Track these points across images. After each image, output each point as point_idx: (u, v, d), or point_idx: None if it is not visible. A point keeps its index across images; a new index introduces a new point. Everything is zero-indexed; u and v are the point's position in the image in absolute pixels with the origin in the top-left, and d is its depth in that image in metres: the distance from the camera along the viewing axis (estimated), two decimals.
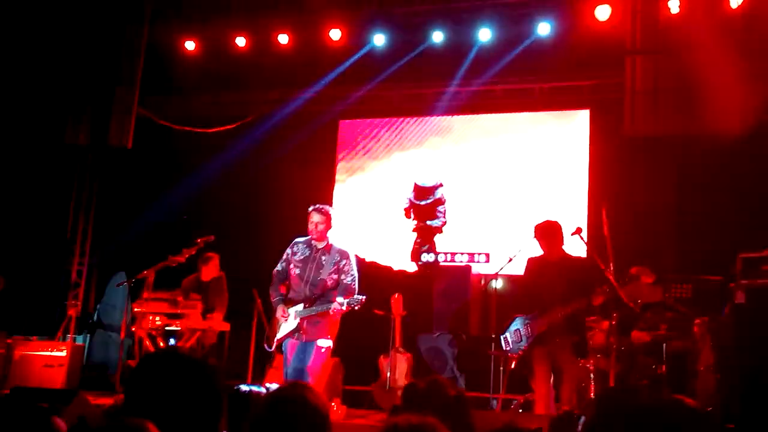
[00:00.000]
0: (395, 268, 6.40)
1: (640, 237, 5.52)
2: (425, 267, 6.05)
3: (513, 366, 3.96)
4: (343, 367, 5.31)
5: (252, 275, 5.17)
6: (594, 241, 5.05)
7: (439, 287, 5.71)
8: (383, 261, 6.46)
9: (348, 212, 6.69)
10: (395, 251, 6.48)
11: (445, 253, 6.27)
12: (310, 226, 4.00)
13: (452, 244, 6.30)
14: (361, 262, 6.32)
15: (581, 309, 3.88)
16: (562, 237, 4.05)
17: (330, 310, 3.81)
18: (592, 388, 4.28)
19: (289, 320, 3.94)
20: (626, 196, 5.74)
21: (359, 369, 5.40)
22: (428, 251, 6.10)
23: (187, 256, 4.78)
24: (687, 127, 5.34)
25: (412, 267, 6.31)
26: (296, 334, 3.93)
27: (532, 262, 4.11)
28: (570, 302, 3.84)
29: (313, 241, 4.02)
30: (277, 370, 4.76)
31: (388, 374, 5.16)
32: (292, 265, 4.03)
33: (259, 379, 4.76)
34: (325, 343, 3.91)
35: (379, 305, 5.35)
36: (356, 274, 4.00)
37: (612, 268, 4.07)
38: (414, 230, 6.25)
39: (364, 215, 6.70)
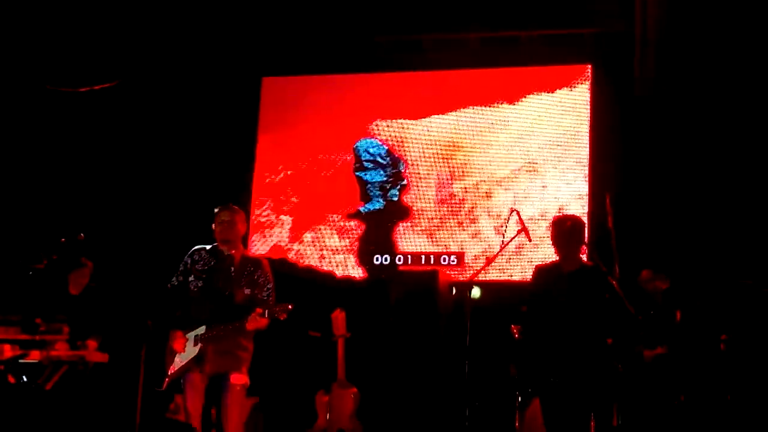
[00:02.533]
0: (339, 273, 6.35)
1: (653, 230, 5.60)
2: (377, 272, 6.00)
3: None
4: (265, 409, 5.24)
5: (139, 288, 5.03)
6: (595, 236, 5.10)
7: (395, 299, 5.68)
8: (323, 265, 6.39)
9: (273, 204, 6.60)
10: (339, 252, 6.42)
11: (405, 254, 6.23)
12: (218, 228, 3.97)
13: (414, 241, 6.27)
14: (292, 267, 6.34)
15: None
16: (583, 240, 3.95)
17: (245, 323, 3.76)
18: (593, 427, 4.30)
19: (187, 348, 3.86)
20: (637, 177, 5.81)
21: (288, 411, 5.35)
22: (380, 251, 6.07)
23: (47, 262, 4.57)
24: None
25: (360, 272, 6.26)
26: (198, 366, 3.83)
27: (540, 271, 4.00)
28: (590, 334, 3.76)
29: (219, 248, 3.98)
30: (175, 416, 4.64)
31: (328, 416, 5.11)
32: (192, 277, 3.97)
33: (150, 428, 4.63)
34: (241, 379, 3.86)
35: (316, 325, 5.28)
36: (273, 286, 3.97)
37: (617, 271, 4.09)
38: (348, 217, 6.22)
39: (295, 207, 6.61)
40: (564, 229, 3.90)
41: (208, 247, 4.04)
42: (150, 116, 6.60)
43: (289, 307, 3.71)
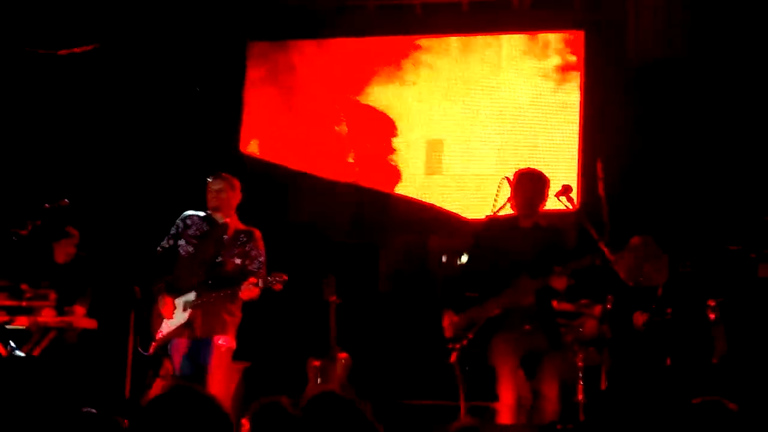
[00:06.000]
0: (329, 241, 6.37)
1: (644, 197, 5.68)
2: (370, 239, 6.05)
3: (453, 360, 3.84)
4: (256, 374, 5.29)
5: (126, 254, 5.04)
6: (586, 203, 5.17)
7: (386, 265, 5.73)
8: (313, 232, 6.42)
9: (264, 168, 6.59)
10: (330, 219, 6.43)
11: (396, 221, 6.28)
12: (208, 197, 3.98)
13: (406, 208, 6.31)
14: (282, 233, 6.35)
15: (548, 287, 3.88)
16: (545, 198, 4.05)
17: (239, 291, 3.78)
18: (581, 389, 4.43)
19: (176, 314, 3.88)
20: (628, 144, 5.87)
21: (280, 377, 5.40)
22: (373, 218, 6.10)
23: (31, 228, 4.56)
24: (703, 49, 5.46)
25: (354, 239, 6.30)
26: (187, 331, 3.86)
27: (493, 222, 4.04)
28: (540, 274, 3.84)
29: (213, 216, 3.97)
30: (166, 381, 4.69)
31: (319, 381, 5.17)
32: (183, 242, 3.99)
33: (141, 395, 4.69)
34: (227, 341, 3.89)
35: (308, 290, 5.31)
36: (264, 260, 3.98)
37: (607, 238, 4.17)
38: (346, 181, 6.24)
39: (287, 172, 6.61)
40: (531, 182, 3.94)
41: (201, 213, 4.04)
42: (132, 80, 6.53)
43: (284, 277, 3.74)
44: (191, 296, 3.87)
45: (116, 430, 1.85)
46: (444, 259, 5.78)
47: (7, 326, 4.76)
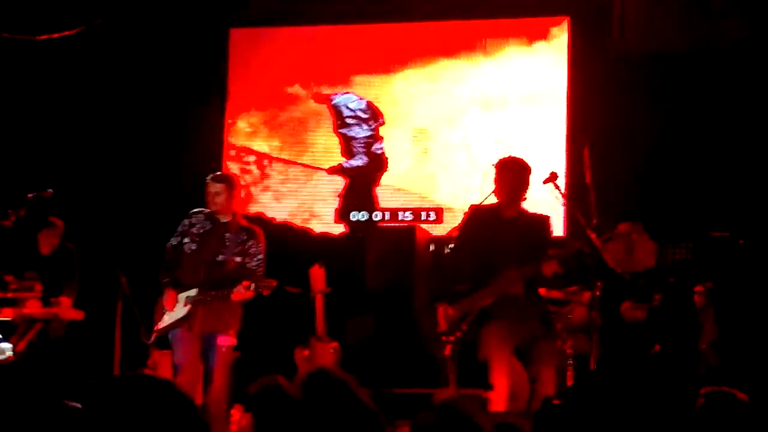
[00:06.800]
0: (316, 230, 6.36)
1: (631, 185, 5.72)
2: (356, 228, 6.03)
3: (447, 352, 3.90)
4: (245, 364, 5.27)
5: (111, 245, 5.00)
6: (573, 190, 5.20)
7: (373, 255, 5.73)
8: (299, 221, 6.40)
9: (250, 159, 6.55)
10: (316, 208, 6.42)
11: (383, 210, 6.27)
12: (208, 199, 4.09)
13: (394, 196, 6.31)
14: (268, 223, 6.33)
15: (534, 275, 3.92)
16: (527, 186, 4.06)
17: (232, 294, 3.92)
18: (570, 375, 4.46)
19: (177, 308, 3.99)
20: (615, 132, 5.90)
21: (268, 365, 5.39)
22: (360, 208, 6.09)
23: (14, 218, 4.51)
24: (693, 42, 5.50)
25: (338, 229, 6.29)
26: (187, 325, 3.96)
27: (477, 213, 4.06)
28: (526, 263, 3.87)
29: (216, 215, 4.07)
30: (154, 372, 4.68)
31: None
32: (187, 240, 4.10)
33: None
34: (228, 341, 4.05)
35: (294, 281, 5.31)
36: (263, 258, 4.09)
37: (595, 225, 4.19)
38: (331, 171, 6.18)
39: (271, 161, 6.57)
40: (513, 171, 3.95)
41: (207, 210, 4.10)
42: (113, 67, 6.45)
43: (273, 283, 3.89)
44: (193, 292, 3.99)
45: (70, 414, 1.81)
46: (431, 248, 5.78)
47: None
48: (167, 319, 4.00)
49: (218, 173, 4.18)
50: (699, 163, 5.65)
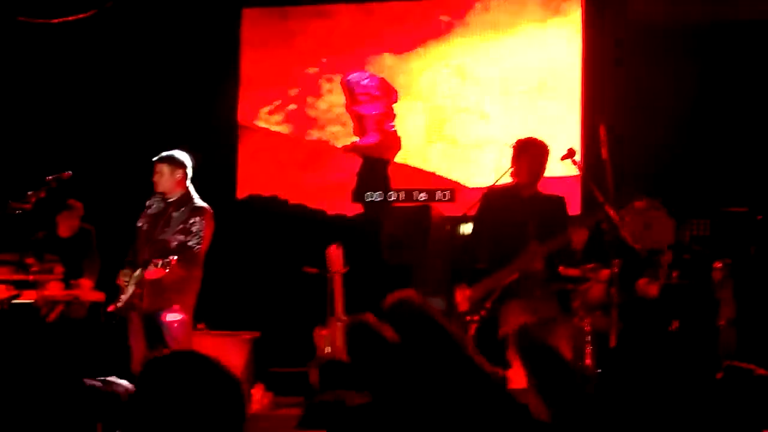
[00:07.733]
0: (330, 212, 6.38)
1: (648, 161, 5.69)
2: (370, 209, 6.04)
3: (473, 332, 3.91)
4: (265, 344, 5.33)
5: (130, 226, 5.04)
6: (590, 166, 5.18)
7: (388, 235, 5.74)
8: (314, 203, 6.42)
9: (263, 139, 6.56)
10: (331, 188, 6.44)
11: (398, 189, 6.28)
12: (153, 180, 4.14)
13: (409, 175, 6.31)
14: (282, 204, 6.35)
15: (560, 248, 3.94)
16: (545, 167, 4.07)
17: (145, 272, 3.97)
18: (589, 353, 4.49)
19: (128, 288, 4.05)
20: (631, 107, 5.86)
21: (289, 346, 5.44)
22: (374, 188, 6.10)
23: (34, 200, 4.52)
24: (714, 11, 5.43)
25: (354, 210, 6.30)
26: (134, 304, 4.05)
27: (494, 193, 4.09)
28: (547, 240, 3.89)
29: (164, 195, 4.15)
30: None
31: (328, 349, 5.23)
32: (142, 220, 4.19)
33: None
34: (174, 317, 4.03)
35: (312, 261, 5.34)
36: (204, 237, 4.07)
37: (612, 201, 4.18)
38: (344, 150, 6.16)
39: (285, 142, 6.58)
40: (531, 152, 3.96)
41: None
42: (127, 48, 6.46)
43: (173, 259, 3.80)
44: (138, 272, 4.02)
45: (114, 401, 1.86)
46: (447, 228, 5.79)
47: (15, 300, 4.77)
48: (123, 298, 4.06)
49: (162, 154, 4.14)
50: (717, 138, 5.61)
